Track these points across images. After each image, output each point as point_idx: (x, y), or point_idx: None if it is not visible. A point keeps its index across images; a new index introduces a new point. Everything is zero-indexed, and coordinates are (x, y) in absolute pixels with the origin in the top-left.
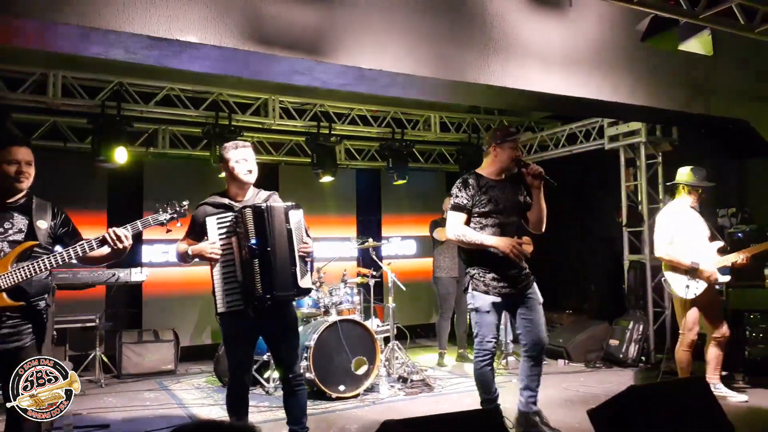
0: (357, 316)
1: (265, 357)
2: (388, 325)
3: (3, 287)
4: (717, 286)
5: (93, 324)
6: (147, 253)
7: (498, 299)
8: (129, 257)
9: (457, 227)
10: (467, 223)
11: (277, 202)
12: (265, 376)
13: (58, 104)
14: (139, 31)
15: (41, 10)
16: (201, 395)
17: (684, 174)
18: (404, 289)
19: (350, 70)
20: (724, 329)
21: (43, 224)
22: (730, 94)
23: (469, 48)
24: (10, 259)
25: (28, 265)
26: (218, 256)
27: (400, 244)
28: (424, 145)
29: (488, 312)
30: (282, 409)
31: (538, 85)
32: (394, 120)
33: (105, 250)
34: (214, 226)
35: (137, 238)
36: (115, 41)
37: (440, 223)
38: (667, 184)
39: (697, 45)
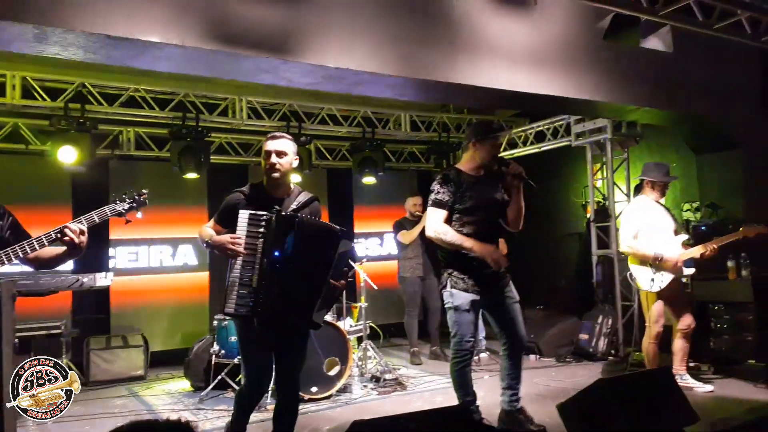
0: (329, 317)
1: (236, 360)
2: (360, 325)
3: None
4: (683, 279)
5: (58, 331)
6: (114, 255)
7: (477, 297)
8: (95, 261)
9: (437, 225)
10: (447, 220)
11: (316, 210)
12: (237, 378)
13: (18, 106)
14: (98, 30)
15: None
16: (171, 400)
17: (646, 170)
18: (375, 288)
19: (316, 69)
20: (689, 321)
21: None
22: (692, 91)
23: (435, 47)
24: None
25: None
26: (238, 253)
27: (373, 244)
28: (396, 144)
29: (467, 311)
30: (258, 412)
31: (504, 83)
32: (365, 119)
33: (58, 249)
34: (245, 221)
35: (105, 240)
36: (73, 41)
37: (403, 224)
38: (633, 179)
39: (658, 42)
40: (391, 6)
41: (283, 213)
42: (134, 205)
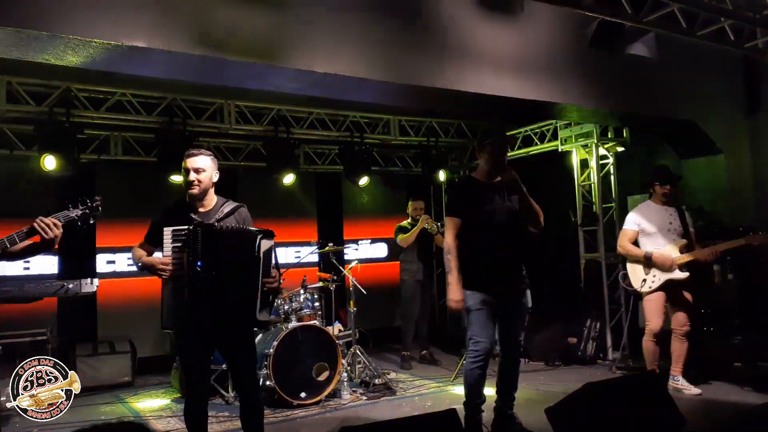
0: (317, 322)
1: (224, 366)
2: (350, 330)
3: None
4: (679, 278)
5: (44, 337)
6: (100, 261)
7: (489, 297)
8: (81, 267)
9: (449, 239)
10: (462, 227)
11: (243, 217)
12: (225, 385)
13: (3, 111)
14: (83, 35)
15: None
16: (159, 407)
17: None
18: (365, 292)
19: (303, 75)
20: (683, 322)
21: None
22: (677, 96)
23: (423, 53)
24: None
25: None
26: (167, 275)
27: (364, 248)
28: (385, 149)
29: (480, 310)
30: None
31: (491, 89)
32: (353, 123)
33: (26, 242)
34: (169, 238)
35: (91, 247)
36: (58, 46)
37: (404, 227)
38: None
39: (643, 48)
40: (378, 12)
41: (200, 225)
42: (87, 211)
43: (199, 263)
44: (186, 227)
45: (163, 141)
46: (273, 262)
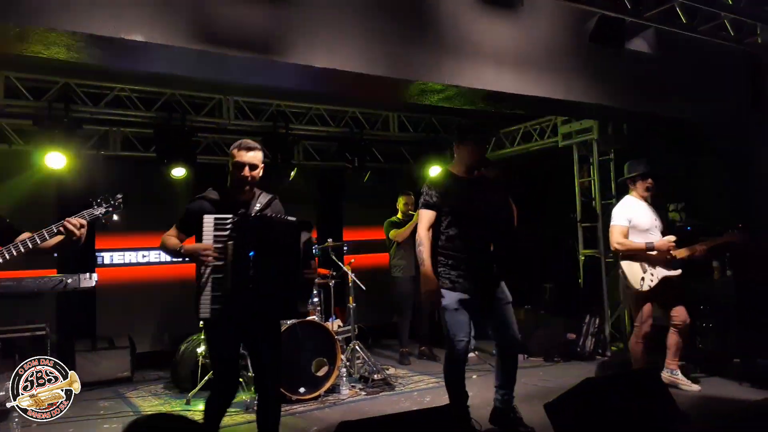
0: (317, 318)
1: None
2: (349, 325)
3: None
4: (673, 275)
5: (43, 333)
6: (99, 258)
7: (465, 296)
8: (80, 262)
9: (421, 230)
10: (436, 220)
11: (278, 209)
12: None
13: (1, 105)
14: (81, 29)
15: None
16: (158, 402)
17: (625, 169)
18: (364, 288)
19: (302, 69)
20: (684, 317)
21: None
22: (678, 93)
23: (421, 47)
24: None
25: None
26: (210, 261)
27: (364, 242)
28: (385, 145)
29: (456, 310)
30: (246, 412)
31: (491, 84)
32: (353, 119)
33: (54, 239)
34: (211, 226)
35: (90, 243)
36: (55, 40)
37: (395, 223)
38: (619, 180)
39: (643, 44)
40: (377, 6)
41: (252, 214)
42: (110, 209)
43: (252, 253)
44: (231, 216)
45: (162, 136)
46: (310, 253)
